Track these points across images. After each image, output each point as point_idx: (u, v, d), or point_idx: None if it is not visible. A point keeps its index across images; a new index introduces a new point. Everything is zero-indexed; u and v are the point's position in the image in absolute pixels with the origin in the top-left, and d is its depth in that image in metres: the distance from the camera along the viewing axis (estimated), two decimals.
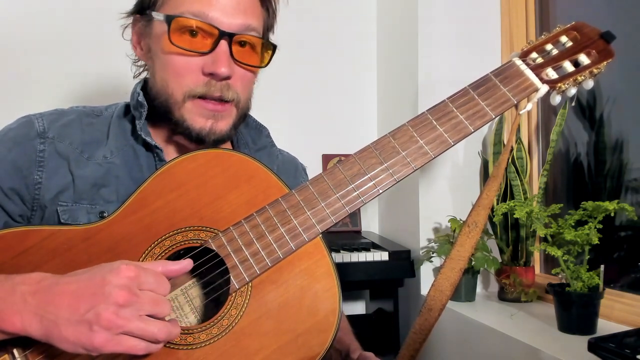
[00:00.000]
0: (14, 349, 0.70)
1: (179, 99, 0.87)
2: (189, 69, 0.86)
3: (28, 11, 1.83)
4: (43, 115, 0.92)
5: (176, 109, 0.87)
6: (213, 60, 0.85)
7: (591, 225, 1.25)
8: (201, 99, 0.86)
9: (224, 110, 0.88)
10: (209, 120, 0.88)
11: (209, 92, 0.86)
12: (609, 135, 1.58)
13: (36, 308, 0.65)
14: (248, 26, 0.87)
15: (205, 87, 0.86)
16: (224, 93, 0.87)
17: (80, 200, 0.86)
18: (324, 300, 0.74)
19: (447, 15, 1.79)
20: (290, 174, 1.09)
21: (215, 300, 0.79)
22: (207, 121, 0.87)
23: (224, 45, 0.85)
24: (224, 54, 0.85)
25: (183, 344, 0.73)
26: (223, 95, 0.87)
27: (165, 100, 0.88)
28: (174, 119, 0.88)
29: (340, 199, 0.80)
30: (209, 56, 0.85)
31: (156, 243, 0.77)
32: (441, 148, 0.82)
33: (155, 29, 0.89)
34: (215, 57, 0.85)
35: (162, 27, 0.86)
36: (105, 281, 0.65)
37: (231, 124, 0.90)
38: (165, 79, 0.88)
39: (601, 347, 0.89)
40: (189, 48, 0.85)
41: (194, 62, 0.86)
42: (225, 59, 0.85)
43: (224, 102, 0.88)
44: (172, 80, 0.87)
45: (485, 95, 0.85)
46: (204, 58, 0.85)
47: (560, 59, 0.88)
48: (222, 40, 0.85)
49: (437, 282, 0.89)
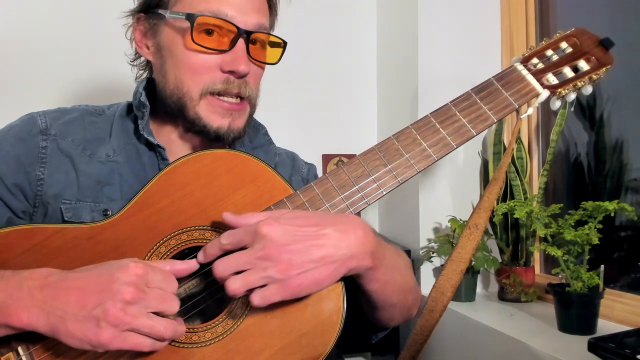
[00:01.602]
0: (18, 346, 0.71)
1: (194, 96, 0.87)
2: (207, 66, 0.87)
3: (28, 11, 1.83)
4: (46, 113, 0.92)
5: (191, 107, 0.88)
6: (232, 59, 0.86)
7: (591, 225, 1.25)
8: (218, 96, 0.88)
9: (239, 108, 0.90)
10: (226, 118, 0.89)
11: (228, 89, 0.87)
12: (609, 135, 1.58)
13: (43, 303, 0.66)
14: (262, 24, 0.89)
15: (223, 84, 0.87)
16: (242, 90, 0.88)
17: (83, 198, 0.87)
18: (327, 300, 0.74)
19: (448, 16, 1.79)
20: (287, 166, 1.09)
21: (219, 299, 0.79)
22: (224, 119, 0.88)
23: (241, 43, 0.86)
24: (242, 52, 0.86)
25: (188, 343, 0.73)
26: (241, 92, 0.88)
27: (178, 98, 0.89)
28: (188, 117, 0.89)
29: (344, 200, 0.80)
30: (227, 54, 0.86)
31: (161, 242, 0.77)
32: (444, 151, 0.83)
33: (170, 27, 0.89)
34: (234, 56, 0.86)
35: (180, 25, 0.87)
36: (114, 278, 0.66)
37: (246, 121, 0.92)
38: (179, 77, 0.88)
39: (601, 347, 0.90)
40: (208, 46, 0.86)
41: (212, 59, 0.87)
42: (244, 57, 0.87)
43: (241, 99, 0.89)
44: (188, 77, 0.87)
45: (488, 99, 0.86)
46: (223, 56, 0.87)
47: (560, 64, 0.89)
48: (240, 39, 0.86)
49: (438, 283, 0.90)
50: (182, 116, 0.90)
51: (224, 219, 0.74)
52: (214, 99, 0.88)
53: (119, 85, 1.78)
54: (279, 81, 1.62)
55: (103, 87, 1.86)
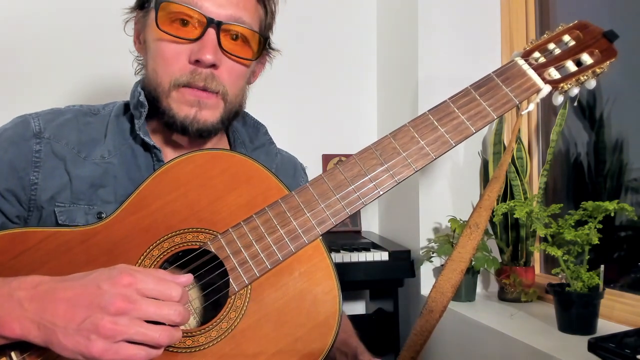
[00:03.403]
0: (11, 352, 0.70)
1: (165, 88, 0.87)
2: (176, 56, 0.86)
3: (28, 11, 1.82)
4: (39, 115, 0.91)
5: (163, 99, 0.87)
6: (199, 48, 0.84)
7: (591, 225, 1.25)
8: (185, 87, 0.86)
9: (208, 98, 0.87)
10: (193, 108, 0.87)
11: (193, 81, 0.85)
12: (609, 135, 1.58)
13: (33, 315, 0.65)
14: (238, 18, 0.87)
15: (189, 75, 0.85)
16: (207, 83, 0.86)
17: (77, 201, 0.86)
18: (323, 303, 0.74)
19: (447, 15, 1.79)
20: (289, 174, 1.09)
21: (214, 302, 0.78)
22: (190, 109, 0.87)
23: (211, 33, 0.85)
24: (210, 42, 0.84)
25: (182, 347, 0.72)
26: (207, 85, 0.86)
27: (154, 89, 0.88)
28: (161, 108, 0.88)
29: (340, 200, 0.79)
30: (195, 44, 0.85)
31: (155, 245, 0.76)
32: (442, 149, 0.82)
33: (149, 18, 0.89)
34: (201, 45, 0.84)
35: (153, 15, 0.86)
36: (102, 290, 0.65)
37: (218, 117, 0.89)
38: (154, 68, 0.88)
39: (601, 347, 0.89)
40: (175, 34, 0.85)
41: (182, 49, 0.86)
42: (212, 46, 0.84)
43: (208, 92, 0.87)
44: (160, 68, 0.87)
45: (487, 95, 0.84)
46: (191, 46, 0.85)
47: (562, 58, 0.87)
48: (209, 28, 0.84)
49: (438, 283, 0.89)
50: (158, 108, 0.89)
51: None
52: (182, 89, 0.86)
53: (119, 85, 1.78)
54: (279, 81, 1.62)
55: (102, 87, 1.86)
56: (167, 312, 0.66)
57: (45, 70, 1.83)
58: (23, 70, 1.81)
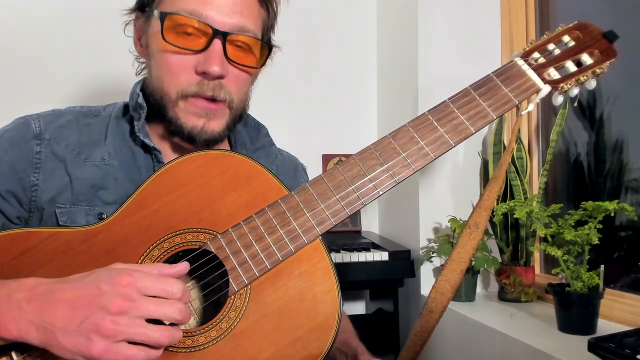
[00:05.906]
0: (12, 351, 0.70)
1: (172, 97, 0.87)
2: (182, 67, 0.85)
3: (28, 11, 1.82)
4: (40, 116, 0.91)
5: (170, 108, 0.87)
6: (206, 59, 0.84)
7: (591, 225, 1.25)
8: (194, 97, 0.86)
9: (216, 109, 0.88)
10: (201, 119, 0.87)
11: (201, 92, 0.86)
12: (609, 135, 1.58)
13: (32, 316, 0.65)
14: (243, 27, 0.87)
15: (197, 86, 0.85)
16: (216, 93, 0.86)
17: (78, 202, 0.86)
18: (323, 303, 0.74)
19: (447, 15, 1.79)
20: (289, 175, 1.09)
21: (214, 302, 0.79)
22: (199, 120, 0.87)
23: (217, 44, 0.84)
24: (216, 53, 0.84)
25: (182, 347, 0.72)
26: (215, 95, 0.86)
27: (160, 98, 0.88)
28: (167, 116, 0.88)
29: (340, 200, 0.79)
30: (202, 55, 0.85)
31: (155, 245, 0.76)
32: (442, 149, 0.82)
33: (152, 26, 0.89)
34: (208, 56, 0.84)
35: (158, 24, 0.86)
36: (101, 291, 0.65)
37: (224, 125, 0.90)
38: (160, 77, 0.88)
39: (601, 347, 0.89)
40: (182, 46, 0.84)
41: (188, 60, 0.85)
42: (218, 58, 0.84)
43: (216, 101, 0.87)
44: (166, 78, 0.87)
45: (487, 95, 0.84)
46: (198, 57, 0.85)
47: (562, 58, 0.87)
48: (215, 39, 0.84)
49: (438, 283, 0.89)
50: (163, 115, 0.89)
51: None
52: (190, 99, 0.86)
53: (119, 85, 1.78)
54: (279, 81, 1.62)
55: (102, 87, 1.86)
56: (167, 310, 0.66)
57: (45, 71, 1.83)
58: (23, 70, 1.81)
